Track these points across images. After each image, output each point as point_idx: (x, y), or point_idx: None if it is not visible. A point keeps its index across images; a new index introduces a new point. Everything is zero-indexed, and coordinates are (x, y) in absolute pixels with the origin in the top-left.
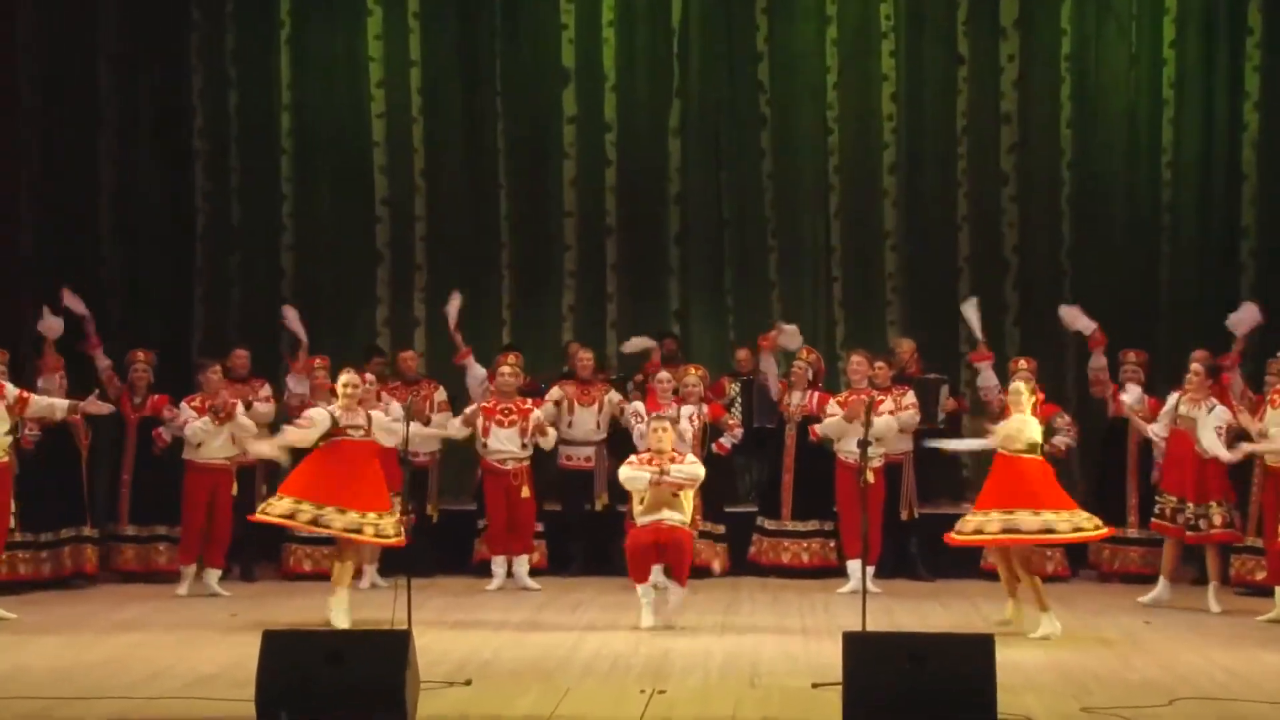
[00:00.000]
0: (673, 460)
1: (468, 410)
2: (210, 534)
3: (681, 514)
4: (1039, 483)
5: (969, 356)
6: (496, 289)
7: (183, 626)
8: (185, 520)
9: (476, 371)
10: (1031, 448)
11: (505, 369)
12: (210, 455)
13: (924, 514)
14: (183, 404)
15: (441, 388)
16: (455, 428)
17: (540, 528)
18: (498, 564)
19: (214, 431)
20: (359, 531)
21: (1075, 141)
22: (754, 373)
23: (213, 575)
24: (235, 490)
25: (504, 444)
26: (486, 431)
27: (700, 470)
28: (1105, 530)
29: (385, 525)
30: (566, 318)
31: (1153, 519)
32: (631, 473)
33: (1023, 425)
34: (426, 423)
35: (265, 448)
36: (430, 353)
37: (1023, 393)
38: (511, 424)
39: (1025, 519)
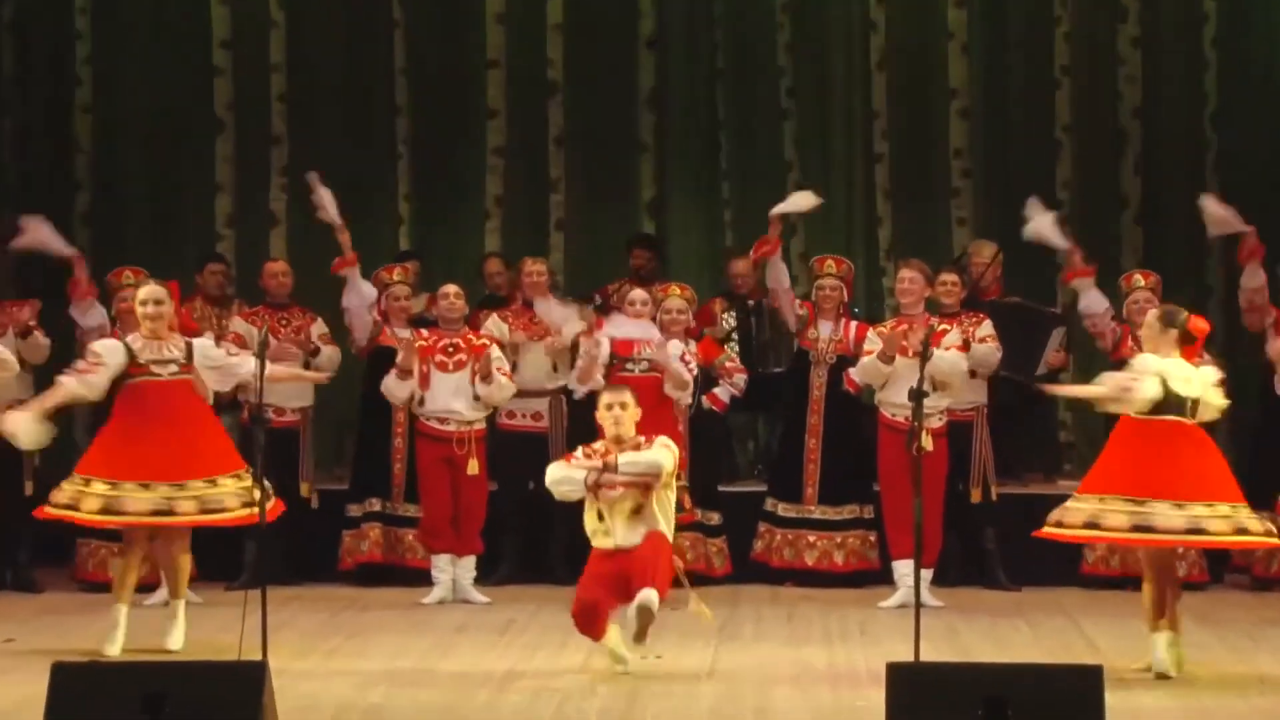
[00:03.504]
0: (637, 449)
1: (400, 353)
2: None
3: (657, 526)
4: (1189, 459)
5: (1064, 276)
6: (389, 174)
7: None
8: None
9: (361, 288)
10: (1169, 406)
11: (450, 290)
12: None
13: (1005, 495)
14: None
15: (320, 320)
16: (390, 383)
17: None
18: (440, 568)
19: None
20: (168, 512)
21: None
22: (759, 293)
23: None
24: None
25: (447, 398)
26: (424, 380)
27: (662, 458)
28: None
29: (221, 495)
30: (491, 214)
31: None
32: (561, 473)
33: (1158, 373)
34: (306, 364)
35: (23, 421)
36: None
37: (1154, 324)
38: (459, 367)
39: (1163, 513)
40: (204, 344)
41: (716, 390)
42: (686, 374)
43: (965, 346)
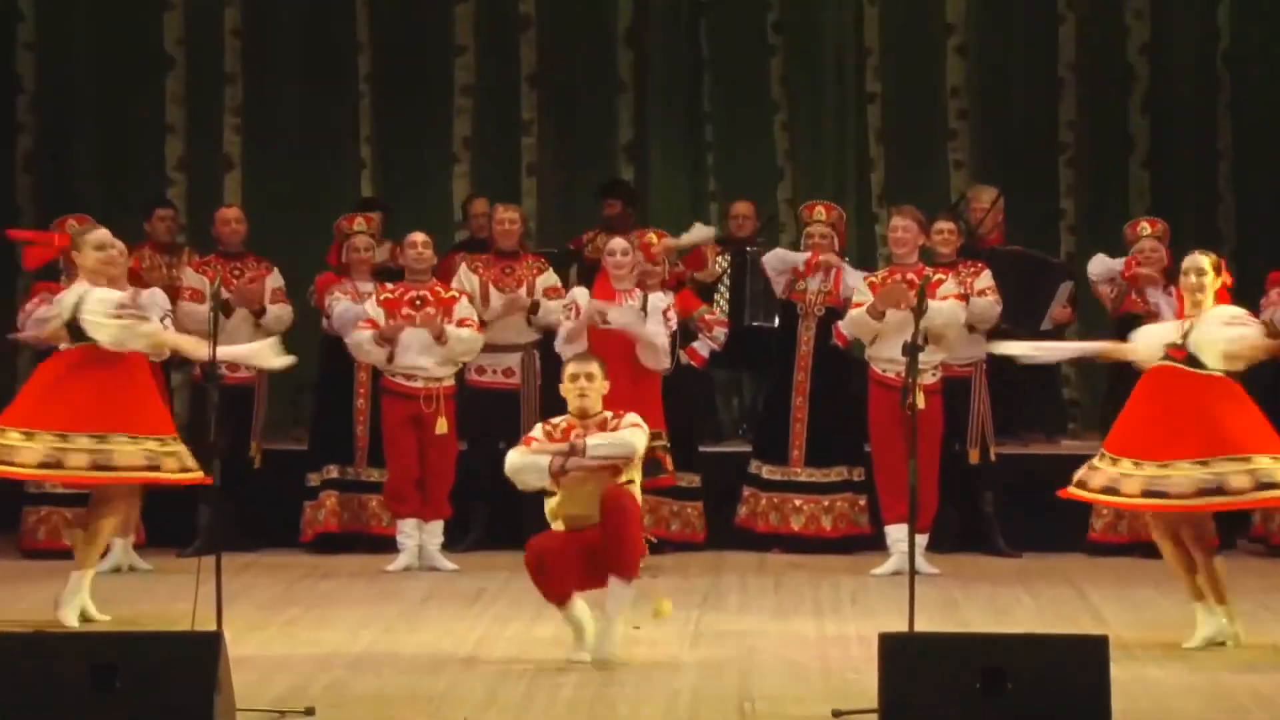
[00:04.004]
0: (606, 429)
1: (374, 320)
2: None
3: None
4: (1233, 412)
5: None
6: (350, 115)
7: None
8: None
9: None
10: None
11: (418, 239)
12: None
13: (1005, 456)
14: None
15: (276, 270)
16: (366, 344)
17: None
18: (406, 534)
19: None
20: (133, 468)
21: None
22: (758, 240)
23: None
24: None
25: (414, 354)
26: (391, 335)
27: (635, 439)
28: None
29: (180, 456)
30: (459, 158)
31: None
32: (523, 460)
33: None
34: (260, 313)
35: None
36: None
37: (1207, 271)
38: (426, 321)
39: (1232, 472)
40: (155, 297)
41: (695, 345)
42: (662, 340)
43: (963, 298)
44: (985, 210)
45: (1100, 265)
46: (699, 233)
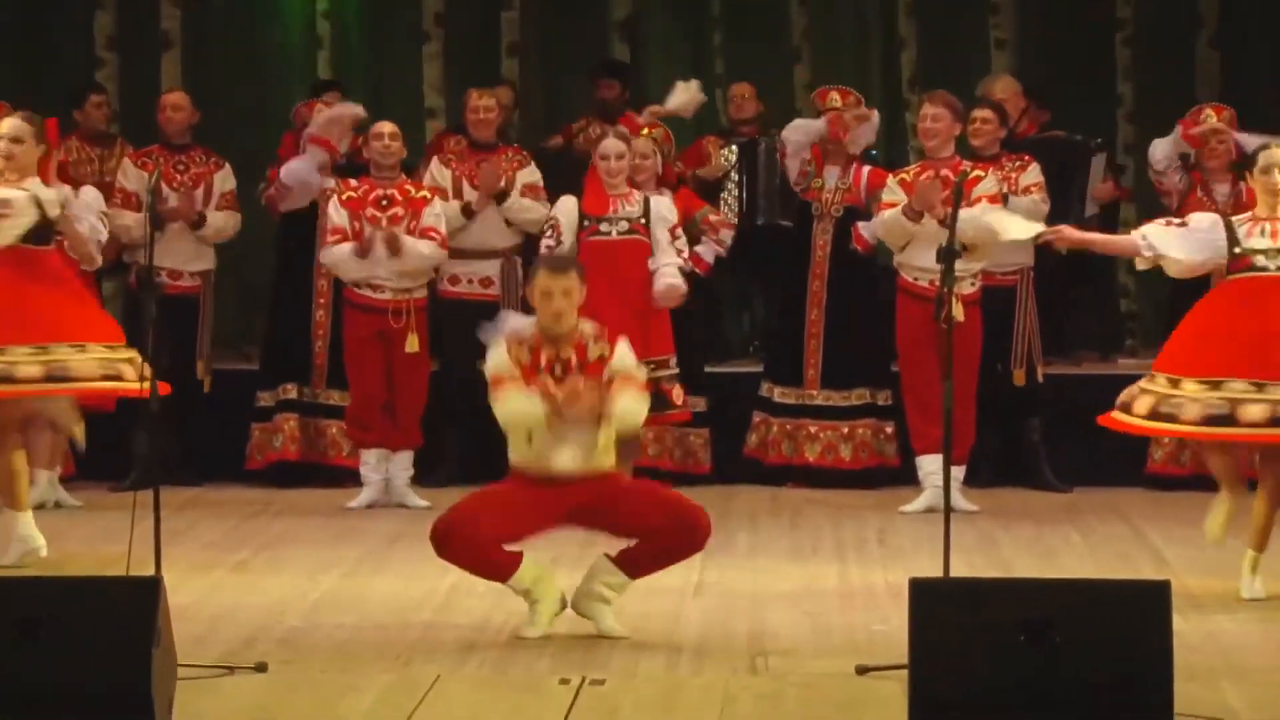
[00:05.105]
0: (585, 353)
1: (339, 225)
2: None
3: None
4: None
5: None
6: None
7: None
8: None
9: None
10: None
11: (385, 129)
12: None
13: (1053, 377)
14: None
15: (228, 167)
16: (345, 262)
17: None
18: (370, 465)
19: None
20: (65, 378)
21: None
22: (758, 128)
23: None
24: None
25: (379, 262)
26: (359, 239)
27: (639, 409)
28: None
29: (138, 364)
30: (430, 35)
31: None
32: (524, 405)
33: None
34: (197, 224)
35: None
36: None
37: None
38: (394, 225)
39: (1244, 400)
40: (60, 194)
41: (699, 249)
42: (680, 281)
43: (999, 198)
44: (1014, 98)
45: (1164, 149)
46: (684, 94)
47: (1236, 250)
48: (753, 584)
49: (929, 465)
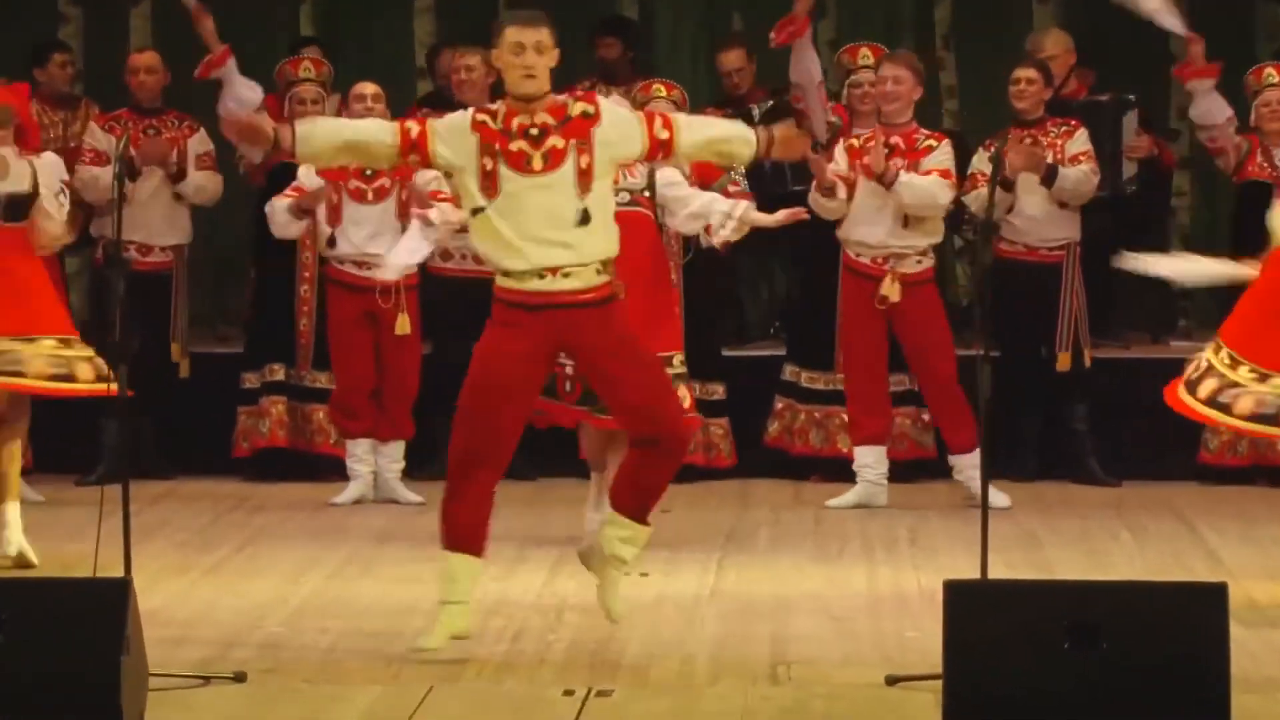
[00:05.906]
0: (562, 116)
1: (306, 188)
2: None
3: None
4: None
5: (1177, 70)
6: None
7: None
8: None
9: (241, 91)
10: None
11: (367, 91)
12: None
13: (1101, 361)
14: None
15: (202, 131)
16: (278, 214)
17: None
18: (358, 458)
19: None
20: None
21: None
22: (758, 94)
23: None
24: None
25: (364, 237)
26: (336, 213)
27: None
28: None
29: (96, 362)
30: None
31: None
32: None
33: None
34: (177, 176)
35: None
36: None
37: None
38: (380, 196)
39: None
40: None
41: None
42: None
43: (950, 172)
44: (1060, 55)
45: (1205, 104)
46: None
47: None
48: (774, 586)
49: (865, 458)
